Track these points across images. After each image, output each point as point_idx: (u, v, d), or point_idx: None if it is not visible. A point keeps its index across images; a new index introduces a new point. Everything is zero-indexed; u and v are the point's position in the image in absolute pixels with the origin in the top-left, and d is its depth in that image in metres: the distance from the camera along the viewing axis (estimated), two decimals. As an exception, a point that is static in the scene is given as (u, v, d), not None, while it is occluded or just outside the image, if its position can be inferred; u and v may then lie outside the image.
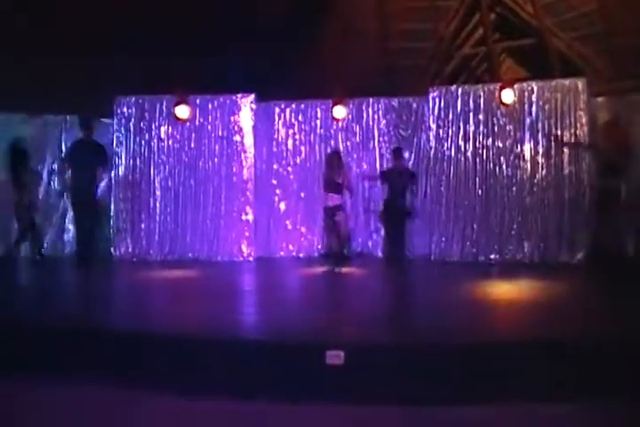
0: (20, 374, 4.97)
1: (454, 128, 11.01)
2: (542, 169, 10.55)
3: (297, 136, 11.89)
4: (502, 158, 10.75)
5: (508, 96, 10.53)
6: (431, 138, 11.15)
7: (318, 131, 11.80)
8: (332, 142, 11.68)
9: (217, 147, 11.50)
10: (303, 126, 11.88)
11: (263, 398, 4.57)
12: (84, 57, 11.56)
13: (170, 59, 12.12)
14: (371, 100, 11.74)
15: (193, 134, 11.51)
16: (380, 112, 11.69)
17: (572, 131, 10.46)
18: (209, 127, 11.51)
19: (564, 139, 10.34)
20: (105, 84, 11.47)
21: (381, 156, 11.64)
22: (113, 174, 11.48)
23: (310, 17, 13.72)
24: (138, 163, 11.51)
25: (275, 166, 11.79)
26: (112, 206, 11.50)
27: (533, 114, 10.63)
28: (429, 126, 11.20)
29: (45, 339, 5.32)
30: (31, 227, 10.47)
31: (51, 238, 11.69)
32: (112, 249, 11.39)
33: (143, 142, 11.54)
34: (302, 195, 11.66)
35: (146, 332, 5.40)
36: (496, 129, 10.82)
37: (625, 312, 6.06)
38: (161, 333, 5.34)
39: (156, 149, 11.53)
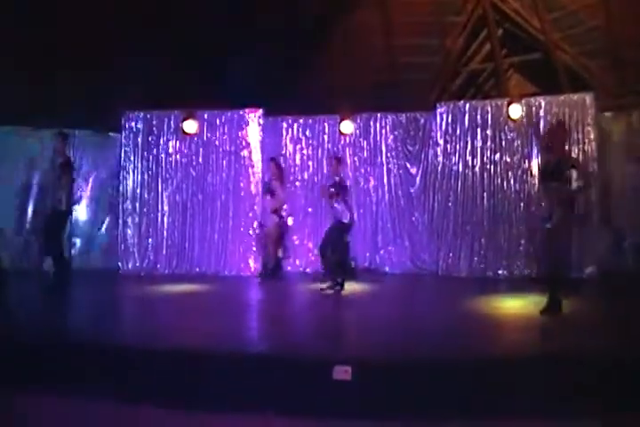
0: (25, 387, 4.97)
1: (462, 143, 11.02)
2: (550, 184, 10.51)
3: (304, 151, 11.91)
4: (510, 173, 10.74)
5: (516, 111, 10.53)
6: (439, 153, 11.17)
7: (326, 146, 11.80)
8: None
9: (224, 162, 11.51)
10: (311, 141, 11.90)
11: (270, 412, 4.54)
12: (86, 70, 11.61)
13: (175, 73, 12.17)
14: (378, 115, 11.76)
15: (201, 149, 11.54)
16: (388, 127, 11.70)
17: (581, 146, 10.43)
18: (216, 142, 11.54)
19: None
20: (111, 97, 11.53)
21: (389, 171, 11.64)
22: (121, 189, 11.55)
23: (317, 32, 13.79)
24: (146, 177, 11.55)
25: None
26: (120, 221, 11.54)
27: (541, 129, 10.61)
28: (437, 141, 11.22)
29: (49, 353, 5.31)
30: None
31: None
32: (119, 263, 11.42)
33: (151, 157, 11.59)
34: (310, 210, 11.65)
35: (152, 346, 5.39)
36: (504, 144, 10.82)
37: (632, 328, 6.03)
38: (167, 347, 5.32)
39: (163, 163, 11.57)
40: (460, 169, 10.98)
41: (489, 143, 10.90)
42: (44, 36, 11.27)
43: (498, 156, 10.83)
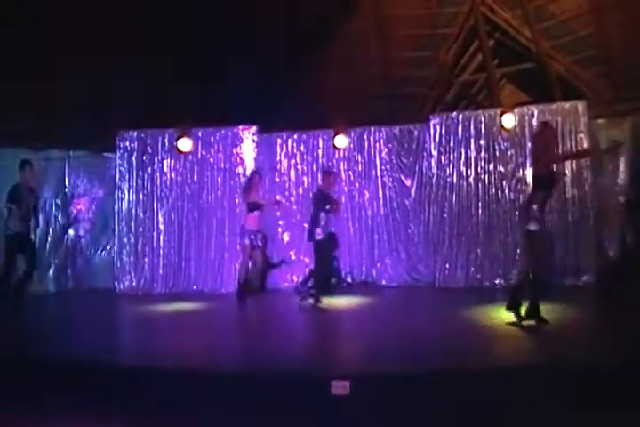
0: (25, 406, 4.95)
1: (456, 154, 11.03)
2: (545, 193, 10.51)
3: (299, 166, 11.94)
4: (504, 183, 10.74)
5: (509, 121, 10.56)
6: (433, 165, 11.17)
7: (320, 161, 11.83)
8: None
9: (219, 179, 11.52)
10: (305, 156, 11.94)
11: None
12: (82, 87, 11.58)
13: (169, 90, 12.14)
14: (372, 128, 11.80)
15: (195, 167, 11.55)
16: (382, 141, 11.76)
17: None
18: (211, 160, 11.55)
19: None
20: (105, 116, 11.54)
21: (384, 184, 11.65)
22: (116, 208, 11.53)
23: (310, 46, 13.80)
24: (141, 196, 11.55)
25: (277, 197, 11.80)
26: (116, 240, 11.53)
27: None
28: (431, 153, 11.23)
29: (43, 373, 5.29)
30: None
31: (53, 273, 11.73)
32: (115, 282, 11.38)
33: (146, 176, 11.60)
34: (305, 225, 11.60)
35: (148, 365, 5.37)
36: (497, 154, 10.84)
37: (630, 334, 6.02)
38: (163, 366, 5.30)
39: (158, 182, 11.58)
40: (455, 180, 10.98)
41: (483, 153, 10.91)
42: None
43: (492, 166, 10.84)
